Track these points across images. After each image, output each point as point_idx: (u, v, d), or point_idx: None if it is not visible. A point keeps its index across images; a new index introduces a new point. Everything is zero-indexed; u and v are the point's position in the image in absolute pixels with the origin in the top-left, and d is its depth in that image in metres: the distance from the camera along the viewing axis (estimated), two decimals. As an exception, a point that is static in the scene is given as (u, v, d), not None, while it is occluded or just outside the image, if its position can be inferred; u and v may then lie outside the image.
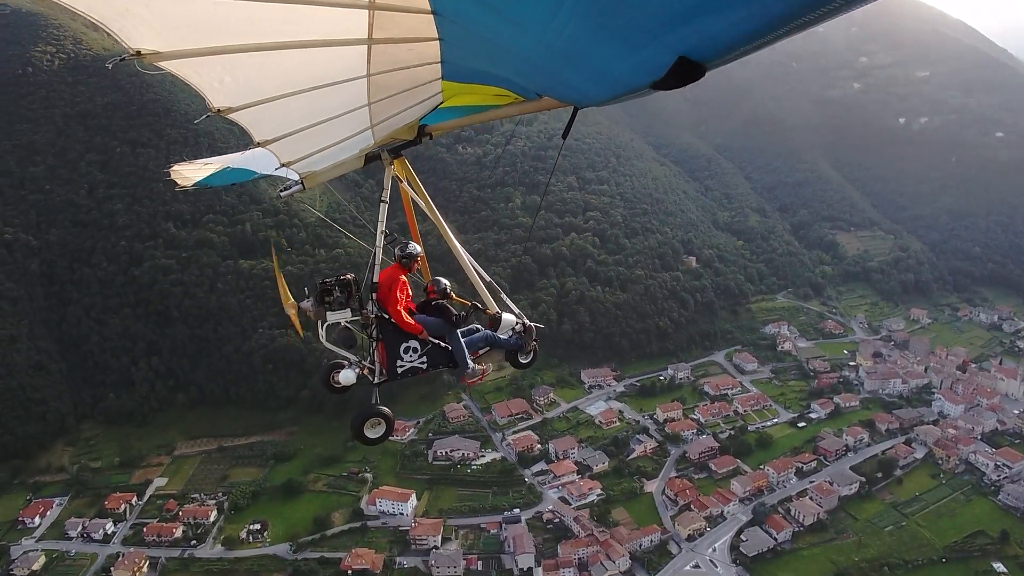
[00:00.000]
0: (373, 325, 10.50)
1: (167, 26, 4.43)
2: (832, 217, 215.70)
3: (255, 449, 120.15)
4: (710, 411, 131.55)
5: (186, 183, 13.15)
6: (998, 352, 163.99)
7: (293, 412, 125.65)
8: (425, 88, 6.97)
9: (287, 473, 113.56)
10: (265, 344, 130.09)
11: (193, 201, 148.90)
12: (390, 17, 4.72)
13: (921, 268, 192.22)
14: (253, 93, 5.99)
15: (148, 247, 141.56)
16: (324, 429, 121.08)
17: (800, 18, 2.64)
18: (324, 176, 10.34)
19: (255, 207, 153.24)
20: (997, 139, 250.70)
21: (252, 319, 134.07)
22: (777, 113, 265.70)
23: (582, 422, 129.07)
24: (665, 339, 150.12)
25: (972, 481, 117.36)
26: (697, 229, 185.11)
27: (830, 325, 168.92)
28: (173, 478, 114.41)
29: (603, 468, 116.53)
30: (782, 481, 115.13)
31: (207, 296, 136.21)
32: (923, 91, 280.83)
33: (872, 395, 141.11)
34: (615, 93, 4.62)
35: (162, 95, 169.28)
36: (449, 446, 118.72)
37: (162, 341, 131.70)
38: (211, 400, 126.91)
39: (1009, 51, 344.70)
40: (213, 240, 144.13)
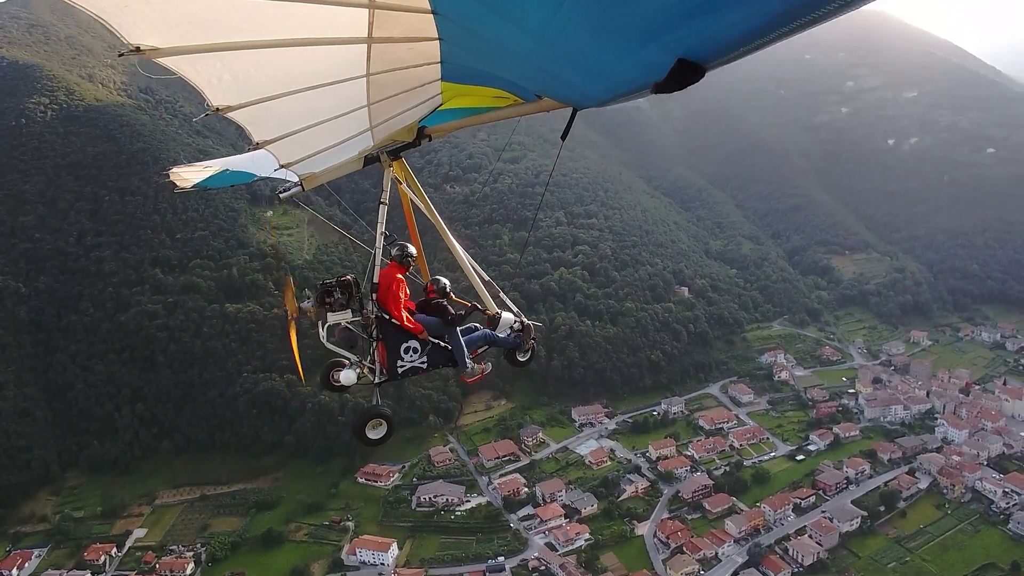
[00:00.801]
0: (373, 325, 10.32)
1: (167, 22, 4.38)
2: (826, 241, 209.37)
3: (237, 497, 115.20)
4: (704, 446, 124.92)
5: (185, 185, 13.09)
6: (1002, 372, 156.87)
7: (278, 457, 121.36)
8: (425, 89, 6.78)
9: (268, 522, 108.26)
10: (249, 388, 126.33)
11: (181, 247, 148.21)
12: (390, 16, 4.63)
13: (919, 289, 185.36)
14: (252, 91, 5.89)
15: (135, 293, 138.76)
16: (309, 474, 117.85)
17: (799, 19, 2.63)
18: (323, 178, 10.31)
19: (242, 251, 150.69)
20: (989, 155, 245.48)
21: (237, 363, 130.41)
22: (767, 140, 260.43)
23: (572, 462, 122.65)
24: (658, 372, 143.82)
25: (980, 510, 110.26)
26: (689, 259, 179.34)
27: (827, 352, 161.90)
28: (153, 528, 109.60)
29: (592, 511, 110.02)
30: (779, 519, 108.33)
31: (192, 341, 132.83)
32: (912, 112, 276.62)
33: (873, 423, 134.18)
34: (615, 94, 4.52)
35: (152, 144, 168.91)
36: (433, 492, 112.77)
37: (147, 387, 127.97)
38: (196, 446, 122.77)
39: (998, 68, 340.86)
40: (199, 284, 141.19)
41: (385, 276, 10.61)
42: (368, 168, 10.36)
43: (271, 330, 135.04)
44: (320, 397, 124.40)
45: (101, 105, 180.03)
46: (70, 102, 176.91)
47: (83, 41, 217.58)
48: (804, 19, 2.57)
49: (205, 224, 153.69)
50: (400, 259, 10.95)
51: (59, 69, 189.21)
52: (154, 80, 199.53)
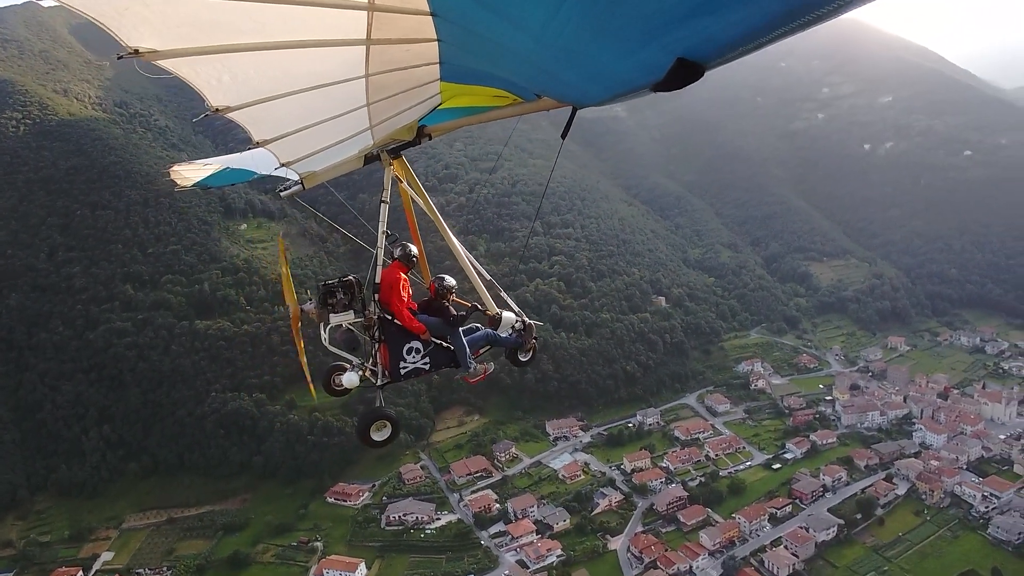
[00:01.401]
0: (375, 326, 10.14)
1: (166, 24, 4.37)
2: (804, 248, 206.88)
3: (205, 520, 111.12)
4: (680, 457, 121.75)
5: (186, 183, 12.85)
6: (981, 376, 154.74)
7: (247, 478, 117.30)
8: (424, 89, 6.78)
9: (236, 544, 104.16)
10: (218, 408, 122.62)
11: (152, 262, 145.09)
12: (389, 18, 4.63)
13: (897, 294, 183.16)
14: (252, 92, 5.92)
15: (104, 310, 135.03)
16: (278, 495, 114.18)
17: (798, 19, 2.66)
18: (324, 176, 10.08)
19: (215, 265, 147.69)
20: (965, 158, 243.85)
21: (206, 381, 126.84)
22: (744, 148, 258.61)
23: (545, 477, 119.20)
24: (633, 384, 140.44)
25: (959, 515, 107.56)
26: (666, 268, 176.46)
27: (805, 359, 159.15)
28: (120, 552, 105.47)
29: (565, 526, 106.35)
30: (755, 530, 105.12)
31: (161, 359, 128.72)
32: (887, 117, 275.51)
33: (850, 430, 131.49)
34: (614, 93, 4.57)
35: (124, 157, 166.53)
36: (403, 510, 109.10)
37: (114, 407, 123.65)
38: (164, 468, 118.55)
39: (973, 72, 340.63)
40: (170, 301, 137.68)
41: (387, 276, 10.41)
42: (343, 179, 10.56)
43: (241, 347, 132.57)
44: (289, 417, 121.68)
45: (74, 119, 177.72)
46: (43, 117, 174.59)
47: (58, 56, 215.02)
48: (803, 19, 2.60)
49: (178, 238, 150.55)
50: (403, 259, 10.77)
51: (33, 84, 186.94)
52: (129, 94, 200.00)
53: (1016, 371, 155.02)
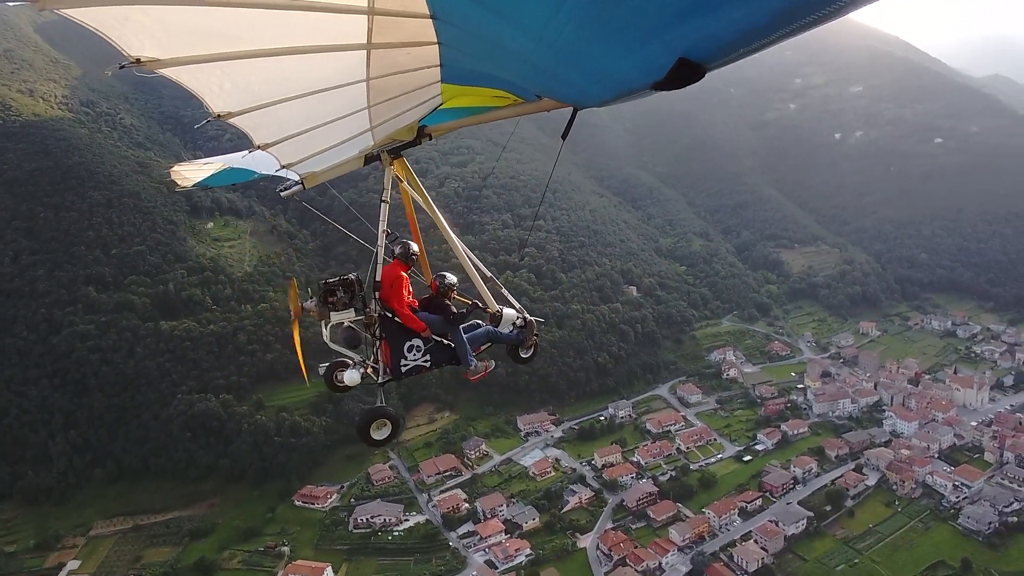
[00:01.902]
0: (376, 324, 9.96)
1: (167, 34, 4.38)
2: (775, 236, 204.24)
3: (171, 526, 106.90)
4: (651, 452, 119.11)
5: (186, 184, 12.66)
6: (952, 360, 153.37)
7: (214, 482, 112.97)
8: (425, 91, 6.73)
9: (203, 551, 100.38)
10: (184, 410, 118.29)
11: (116, 263, 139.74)
12: (389, 22, 4.62)
13: (867, 279, 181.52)
14: (253, 98, 5.93)
15: (67, 313, 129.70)
16: (246, 499, 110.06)
17: (800, 19, 2.64)
18: (324, 176, 10.11)
19: (180, 265, 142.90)
20: (936, 145, 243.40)
21: (171, 384, 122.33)
22: (716, 139, 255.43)
23: (515, 475, 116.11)
24: (605, 375, 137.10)
25: (930, 506, 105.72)
26: (638, 258, 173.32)
27: (777, 347, 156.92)
28: (88, 560, 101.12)
29: (534, 524, 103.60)
30: (725, 524, 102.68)
31: (125, 362, 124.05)
32: (857, 106, 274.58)
33: (822, 419, 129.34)
34: (615, 93, 4.51)
35: (87, 158, 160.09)
36: (370, 512, 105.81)
37: (79, 412, 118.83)
38: (130, 473, 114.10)
39: (943, 61, 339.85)
40: (134, 302, 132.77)
41: (388, 274, 10.33)
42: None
43: (207, 347, 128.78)
44: (257, 417, 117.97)
45: (39, 120, 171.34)
46: (7, 118, 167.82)
47: (23, 55, 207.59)
48: (805, 20, 2.59)
49: (142, 238, 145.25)
50: (403, 257, 10.62)
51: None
52: (96, 93, 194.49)
53: (988, 355, 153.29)
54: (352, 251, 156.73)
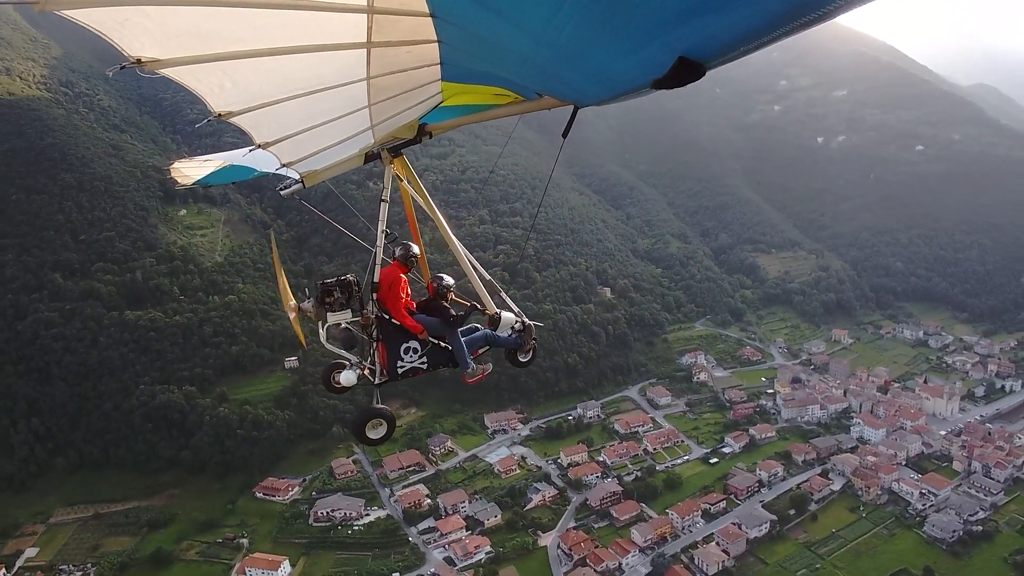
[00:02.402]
0: (373, 325, 9.92)
1: (167, 34, 4.39)
2: (753, 240, 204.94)
3: (131, 516, 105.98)
4: (617, 452, 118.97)
5: (186, 181, 12.42)
6: (923, 370, 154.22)
7: (175, 473, 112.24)
8: (425, 89, 6.72)
9: (161, 541, 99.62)
10: (146, 401, 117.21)
11: (84, 249, 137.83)
12: (389, 21, 4.63)
13: (842, 287, 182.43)
14: (254, 97, 5.95)
15: (33, 300, 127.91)
16: (206, 491, 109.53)
17: (800, 19, 2.65)
18: (325, 175, 9.94)
19: (149, 253, 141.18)
20: (917, 153, 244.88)
21: (134, 374, 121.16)
22: (699, 139, 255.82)
23: (480, 471, 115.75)
24: (575, 376, 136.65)
25: (896, 513, 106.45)
26: (614, 259, 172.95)
27: (748, 352, 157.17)
28: (46, 548, 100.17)
29: (496, 522, 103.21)
30: (688, 526, 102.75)
31: (88, 351, 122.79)
32: (840, 110, 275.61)
33: (790, 424, 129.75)
34: (615, 92, 4.48)
35: (61, 139, 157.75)
36: (331, 506, 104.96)
37: (42, 400, 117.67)
38: (91, 463, 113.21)
39: (930, 68, 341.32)
40: (99, 290, 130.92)
41: (386, 276, 10.14)
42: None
43: (172, 338, 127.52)
44: (219, 410, 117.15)
45: (14, 99, 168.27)
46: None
47: (1, 33, 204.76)
48: (804, 19, 2.59)
49: (112, 224, 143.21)
50: (403, 259, 10.46)
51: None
52: (75, 74, 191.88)
53: (960, 365, 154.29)
54: (326, 243, 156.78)
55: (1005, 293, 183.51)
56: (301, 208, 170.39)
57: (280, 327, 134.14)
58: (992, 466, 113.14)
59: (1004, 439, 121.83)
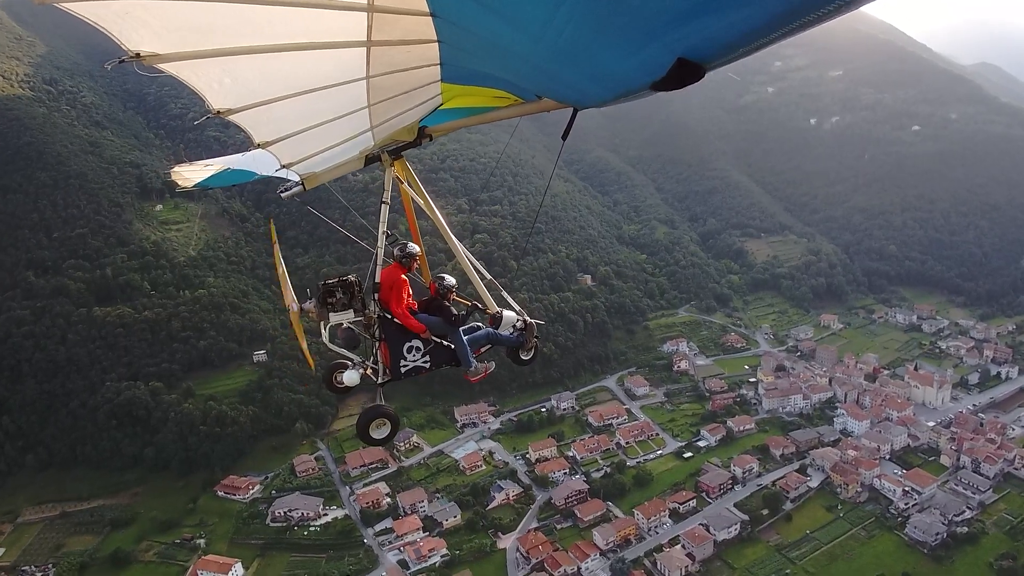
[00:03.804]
0: (376, 325, 9.74)
1: (166, 28, 4.29)
2: (741, 224, 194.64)
3: (95, 515, 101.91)
4: (587, 446, 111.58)
5: (187, 184, 12.04)
6: (915, 355, 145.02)
7: (139, 471, 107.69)
8: (425, 90, 6.60)
9: (122, 541, 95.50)
10: (111, 398, 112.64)
11: (57, 247, 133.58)
12: (389, 19, 4.50)
13: (833, 271, 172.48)
14: (253, 95, 5.83)
15: (7, 298, 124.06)
16: (169, 490, 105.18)
17: (799, 19, 2.60)
18: (325, 177, 9.79)
19: (121, 249, 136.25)
20: (913, 133, 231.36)
21: (101, 371, 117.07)
22: (690, 123, 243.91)
23: (444, 468, 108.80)
24: (550, 366, 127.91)
25: (876, 512, 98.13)
26: (596, 245, 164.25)
27: (733, 339, 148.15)
28: (12, 548, 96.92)
29: (455, 522, 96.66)
30: (654, 527, 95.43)
31: (57, 348, 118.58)
32: (835, 90, 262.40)
33: (771, 415, 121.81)
34: (615, 94, 4.38)
35: (38, 137, 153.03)
36: (288, 505, 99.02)
37: (13, 399, 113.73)
38: (59, 461, 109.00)
39: (930, 47, 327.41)
40: (69, 287, 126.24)
41: (387, 276, 9.92)
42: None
43: (139, 334, 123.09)
44: (183, 406, 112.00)
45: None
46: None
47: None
48: (804, 19, 2.55)
49: (85, 221, 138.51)
50: (402, 259, 10.15)
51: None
52: (60, 71, 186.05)
53: (954, 351, 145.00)
54: (302, 236, 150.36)
55: (1003, 276, 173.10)
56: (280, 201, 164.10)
57: (249, 320, 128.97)
58: (982, 460, 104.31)
59: (996, 431, 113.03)
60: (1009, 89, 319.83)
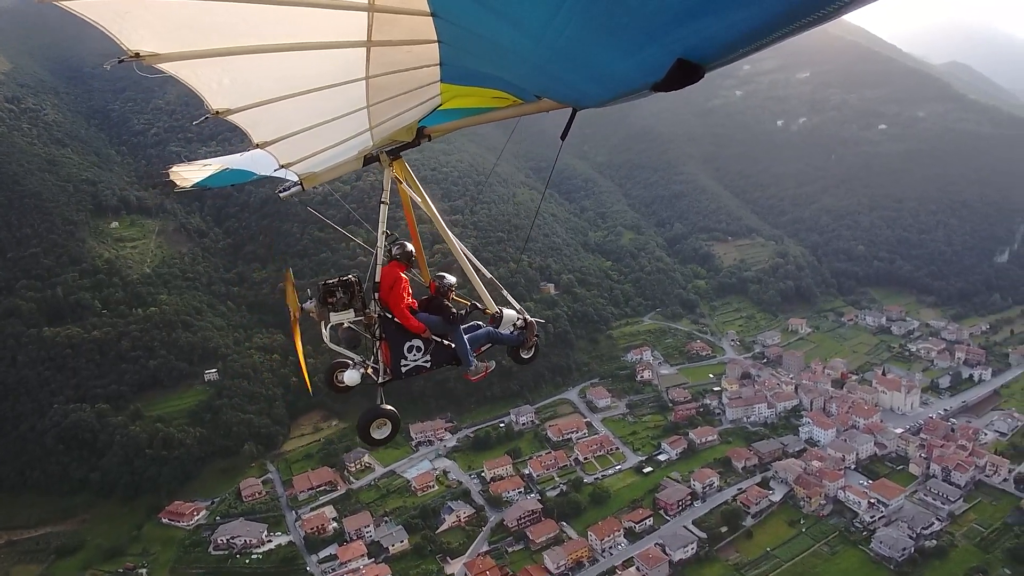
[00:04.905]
0: (376, 325, 9.50)
1: (166, 28, 4.24)
2: (709, 228, 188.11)
3: (41, 542, 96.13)
4: (544, 463, 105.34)
5: (185, 184, 11.64)
6: (884, 359, 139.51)
7: (87, 496, 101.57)
8: (424, 90, 6.48)
9: (67, 569, 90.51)
10: (59, 421, 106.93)
11: (10, 267, 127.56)
12: (389, 19, 4.43)
13: (801, 273, 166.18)
14: (252, 95, 5.73)
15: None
16: (115, 515, 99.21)
17: (799, 20, 2.58)
18: (324, 177, 9.69)
19: (73, 267, 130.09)
20: (880, 132, 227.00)
21: (50, 393, 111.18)
22: (658, 127, 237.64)
23: (395, 489, 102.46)
24: (509, 379, 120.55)
25: (840, 526, 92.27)
26: (560, 253, 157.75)
27: (698, 346, 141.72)
28: None
29: (402, 548, 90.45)
30: (608, 548, 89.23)
31: (7, 371, 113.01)
32: (802, 92, 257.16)
33: (735, 425, 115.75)
34: (614, 94, 4.37)
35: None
36: (231, 532, 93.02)
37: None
38: (8, 487, 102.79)
39: (899, 47, 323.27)
40: (21, 308, 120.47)
41: (387, 275, 9.73)
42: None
43: (88, 355, 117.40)
44: (130, 429, 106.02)
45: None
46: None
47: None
48: (804, 20, 2.52)
49: (39, 240, 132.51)
50: (401, 257, 10.02)
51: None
52: (24, 89, 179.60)
53: (924, 353, 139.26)
54: (260, 250, 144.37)
55: (975, 274, 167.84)
56: (239, 216, 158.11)
57: (201, 338, 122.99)
58: (952, 469, 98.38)
59: (968, 436, 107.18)
60: (979, 87, 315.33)
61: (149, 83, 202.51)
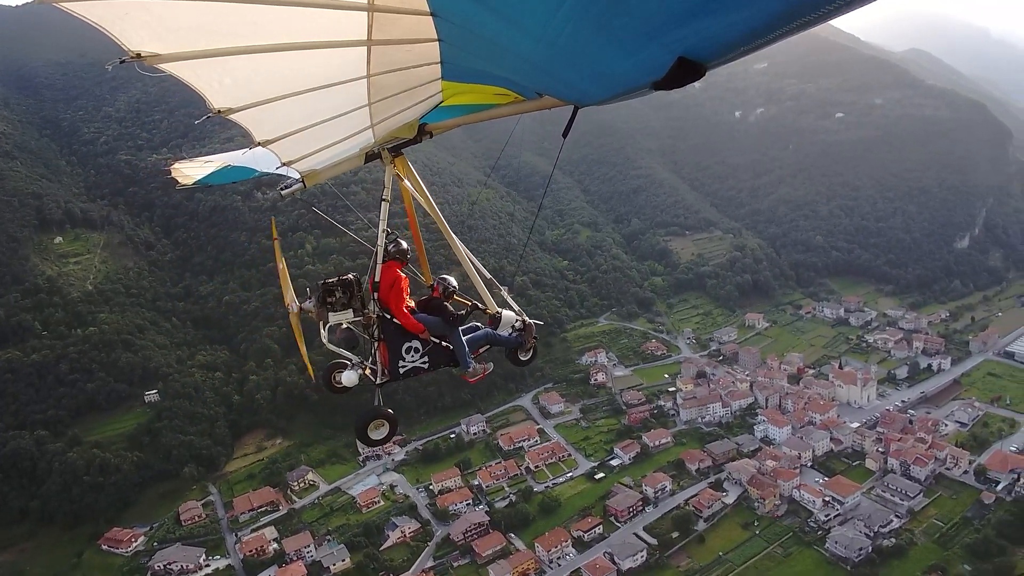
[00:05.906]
0: (375, 325, 9.28)
1: (167, 29, 4.22)
2: (666, 223, 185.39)
3: None
4: (493, 473, 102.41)
5: (187, 181, 11.29)
6: (842, 351, 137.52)
7: (28, 525, 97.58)
8: (425, 88, 6.45)
9: None
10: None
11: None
12: (389, 19, 4.41)
13: (759, 266, 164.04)
14: (253, 94, 5.69)
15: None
16: (56, 544, 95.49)
17: (799, 19, 2.57)
18: (325, 175, 9.34)
19: (15, 287, 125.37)
20: (837, 120, 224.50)
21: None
22: (615, 121, 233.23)
23: (339, 507, 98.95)
24: (459, 388, 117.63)
25: (793, 527, 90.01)
26: (515, 254, 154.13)
27: (653, 346, 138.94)
28: None
29: (344, 567, 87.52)
30: (555, 559, 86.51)
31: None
32: (760, 83, 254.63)
33: (689, 426, 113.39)
34: (615, 92, 4.33)
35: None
36: (168, 557, 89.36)
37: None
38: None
39: (858, 35, 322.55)
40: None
41: (386, 275, 9.46)
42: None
43: (27, 379, 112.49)
44: (68, 455, 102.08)
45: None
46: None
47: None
48: (804, 19, 2.53)
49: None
50: (397, 255, 9.75)
51: None
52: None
53: (881, 344, 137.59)
54: (208, 261, 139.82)
55: (934, 260, 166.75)
56: (188, 226, 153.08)
57: (142, 358, 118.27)
58: (911, 463, 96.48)
59: (926, 429, 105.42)
60: (938, 72, 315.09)
61: (100, 91, 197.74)
